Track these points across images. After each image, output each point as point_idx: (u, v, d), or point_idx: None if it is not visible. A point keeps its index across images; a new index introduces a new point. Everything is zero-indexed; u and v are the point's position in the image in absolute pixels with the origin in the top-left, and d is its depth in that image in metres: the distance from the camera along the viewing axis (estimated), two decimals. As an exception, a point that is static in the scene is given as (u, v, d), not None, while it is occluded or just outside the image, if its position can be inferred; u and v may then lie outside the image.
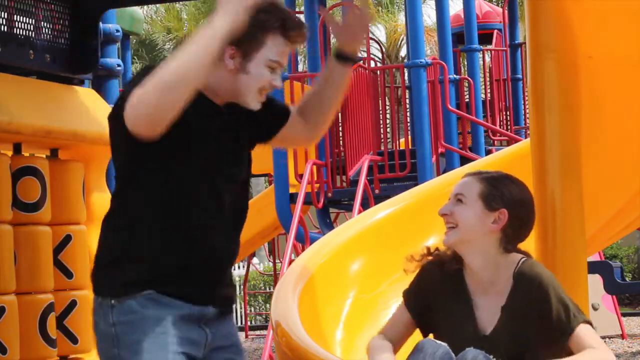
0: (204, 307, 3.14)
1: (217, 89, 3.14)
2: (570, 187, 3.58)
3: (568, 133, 3.63)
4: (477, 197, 3.23)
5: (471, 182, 3.26)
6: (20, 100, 5.15)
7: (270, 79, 3.10)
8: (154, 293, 3.06)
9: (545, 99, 3.63)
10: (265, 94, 3.14)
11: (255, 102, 3.13)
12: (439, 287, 3.28)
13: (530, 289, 3.16)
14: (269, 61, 3.08)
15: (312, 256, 4.30)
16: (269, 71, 3.09)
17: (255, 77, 3.09)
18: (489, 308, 3.22)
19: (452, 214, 3.25)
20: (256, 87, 3.10)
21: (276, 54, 3.09)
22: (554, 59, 3.63)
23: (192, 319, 3.13)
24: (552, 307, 3.13)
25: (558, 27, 3.65)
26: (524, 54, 12.09)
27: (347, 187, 10.08)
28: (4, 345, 4.89)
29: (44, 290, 5.23)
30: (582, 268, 3.58)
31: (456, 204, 3.26)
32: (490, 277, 3.24)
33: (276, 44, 3.09)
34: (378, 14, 25.95)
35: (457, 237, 3.25)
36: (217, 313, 3.19)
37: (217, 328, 3.20)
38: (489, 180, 3.26)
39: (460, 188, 3.27)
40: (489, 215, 3.22)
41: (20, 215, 5.14)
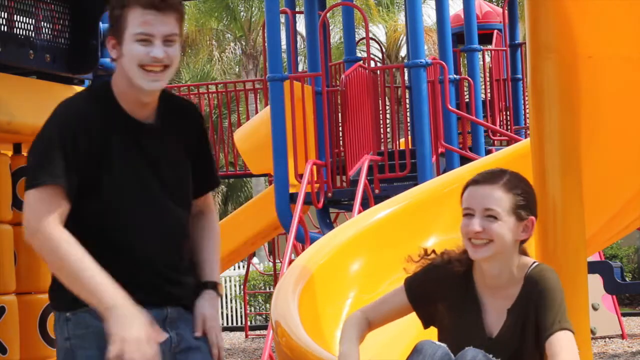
0: (161, 310, 3.13)
1: (123, 92, 3.12)
2: (570, 187, 3.58)
3: (568, 133, 3.63)
4: (510, 211, 3.17)
5: (499, 195, 3.17)
6: (20, 100, 5.15)
7: (145, 51, 3.04)
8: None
9: (545, 99, 3.63)
10: (156, 70, 3.05)
11: (146, 81, 3.05)
12: (446, 284, 3.26)
13: (534, 292, 3.15)
14: (134, 35, 3.04)
15: (312, 256, 4.30)
16: (141, 44, 3.04)
17: (129, 55, 3.05)
18: (496, 310, 3.21)
19: (485, 230, 3.16)
20: (134, 64, 3.05)
21: (138, 25, 3.04)
22: (554, 59, 3.63)
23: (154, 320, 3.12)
24: (546, 309, 3.12)
25: (558, 27, 3.65)
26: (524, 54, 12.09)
27: (347, 187, 10.08)
28: (4, 345, 4.89)
29: (44, 290, 5.23)
30: (582, 268, 3.58)
31: (488, 220, 3.16)
32: (504, 282, 3.22)
33: (136, 17, 3.04)
34: (378, 14, 25.95)
35: (492, 253, 3.18)
36: (181, 312, 3.19)
37: (183, 328, 3.18)
38: (513, 189, 3.19)
39: (490, 202, 3.16)
40: (519, 226, 3.20)
41: (20, 215, 5.13)
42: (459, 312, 3.23)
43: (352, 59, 11.00)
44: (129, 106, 3.12)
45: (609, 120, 4.07)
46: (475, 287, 3.25)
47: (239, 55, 28.04)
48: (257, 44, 26.25)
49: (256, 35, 26.51)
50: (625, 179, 4.36)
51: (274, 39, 9.96)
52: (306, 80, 10.45)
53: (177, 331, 3.16)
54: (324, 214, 10.53)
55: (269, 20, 10.03)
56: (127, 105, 3.12)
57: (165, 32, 3.04)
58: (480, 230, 3.15)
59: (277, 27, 10.02)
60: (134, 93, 3.11)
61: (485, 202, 3.16)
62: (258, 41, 26.01)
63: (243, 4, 27.13)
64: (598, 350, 11.82)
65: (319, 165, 9.97)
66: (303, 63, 17.66)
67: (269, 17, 10.04)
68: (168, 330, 3.13)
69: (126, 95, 3.12)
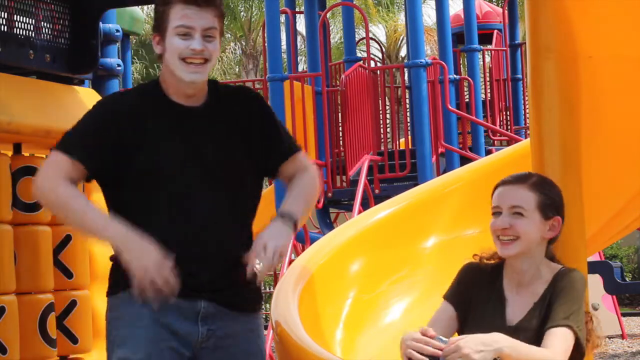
0: (194, 301, 3.15)
1: (169, 85, 3.25)
2: (570, 187, 3.58)
3: (568, 133, 3.63)
4: (536, 208, 3.27)
5: (525, 193, 3.28)
6: (20, 100, 5.15)
7: (185, 44, 3.18)
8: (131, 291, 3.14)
9: (545, 99, 3.63)
10: (195, 62, 3.18)
11: (186, 73, 3.19)
12: (477, 282, 3.34)
13: (558, 287, 3.23)
14: (175, 29, 3.18)
15: (312, 256, 4.30)
16: (181, 38, 3.18)
17: (172, 49, 3.20)
18: (520, 304, 3.27)
19: (512, 227, 3.25)
20: (176, 57, 3.19)
21: (179, 19, 3.18)
22: (554, 59, 3.63)
23: (182, 313, 3.14)
24: (562, 301, 3.18)
25: (558, 27, 3.64)
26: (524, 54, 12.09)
27: (347, 187, 10.09)
28: (4, 345, 4.89)
29: (44, 290, 5.23)
30: (582, 268, 3.58)
31: (515, 216, 3.26)
32: (530, 278, 3.29)
33: (177, 11, 3.18)
34: (378, 14, 25.94)
35: (519, 250, 3.26)
36: (222, 311, 3.19)
37: (218, 325, 3.20)
38: (540, 188, 3.30)
39: (516, 200, 3.27)
40: (545, 224, 3.29)
41: (20, 215, 5.14)
42: (483, 303, 3.30)
43: (352, 59, 11.01)
44: (174, 95, 3.25)
45: (609, 120, 4.07)
46: (502, 283, 3.32)
47: (239, 55, 28.05)
48: (257, 44, 26.25)
49: (256, 35, 26.51)
50: (625, 179, 4.36)
51: (274, 39, 9.96)
52: (306, 80, 10.45)
53: (208, 327, 3.18)
54: (324, 214, 10.53)
55: (269, 20, 10.03)
56: (173, 94, 3.25)
57: (205, 26, 3.18)
58: (507, 227, 3.25)
59: (277, 27, 10.02)
60: (178, 85, 3.23)
61: (512, 200, 3.27)
62: (258, 41, 26.01)
63: (243, 4, 27.13)
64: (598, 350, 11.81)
65: (319, 165, 9.96)
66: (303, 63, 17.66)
67: (269, 17, 10.04)
68: (199, 324, 3.15)
69: (172, 87, 3.25)
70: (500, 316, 3.26)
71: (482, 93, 12.01)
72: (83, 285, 5.44)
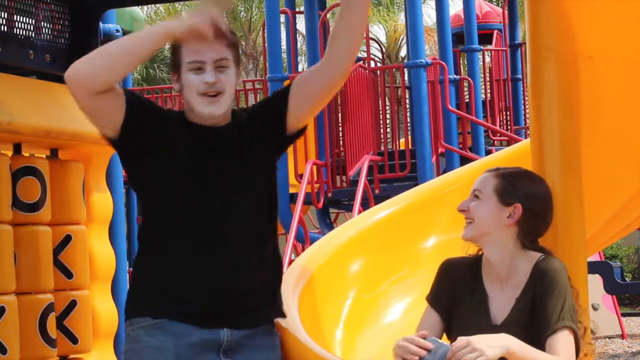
0: (215, 331, 3.13)
1: (191, 116, 3.29)
2: (570, 187, 3.58)
3: (568, 133, 3.63)
4: (492, 192, 3.29)
5: (488, 178, 3.33)
6: (20, 100, 5.14)
7: (199, 79, 3.20)
8: (151, 320, 3.12)
9: (545, 99, 3.63)
10: (211, 94, 3.21)
11: (203, 106, 3.21)
12: (456, 280, 3.33)
13: (542, 282, 3.20)
14: (187, 65, 3.21)
15: (312, 256, 4.30)
16: (195, 73, 3.20)
17: (187, 86, 3.22)
18: (504, 300, 3.25)
19: (469, 209, 3.31)
20: (193, 93, 3.22)
21: (190, 55, 3.20)
22: (554, 59, 3.63)
23: (205, 347, 3.12)
24: (550, 300, 3.16)
25: (558, 27, 3.64)
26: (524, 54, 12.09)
27: (347, 187, 10.09)
28: (4, 345, 4.89)
29: (44, 290, 5.23)
30: (582, 268, 3.58)
31: (473, 199, 3.32)
32: (507, 271, 3.27)
33: (188, 47, 3.21)
34: (378, 13, 25.95)
35: (473, 232, 3.30)
36: (239, 342, 3.16)
37: (241, 359, 3.18)
38: (504, 176, 3.32)
39: (477, 184, 3.34)
40: (504, 210, 3.28)
41: (20, 215, 5.14)
42: (466, 302, 3.29)
43: (352, 59, 10.99)
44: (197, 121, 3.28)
45: (609, 121, 4.06)
46: (482, 279, 3.31)
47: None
48: (257, 44, 26.25)
49: (256, 35, 26.51)
50: (625, 179, 4.36)
51: (274, 39, 9.96)
52: (306, 80, 10.44)
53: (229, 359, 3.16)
54: (324, 214, 10.53)
55: (269, 20, 10.04)
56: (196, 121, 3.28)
57: (215, 58, 3.20)
58: (464, 209, 3.32)
59: (277, 27, 10.03)
60: (199, 118, 3.26)
61: (476, 184, 3.34)
62: (258, 41, 26.01)
63: (243, 4, 27.13)
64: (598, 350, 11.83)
65: (319, 165, 9.97)
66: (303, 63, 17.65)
67: (269, 17, 10.05)
68: (221, 356, 3.14)
69: (194, 118, 3.28)
70: (485, 314, 3.25)
71: (482, 93, 12.00)
72: (83, 285, 5.44)
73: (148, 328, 3.12)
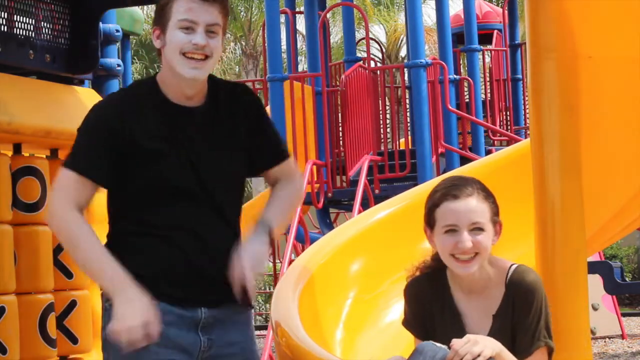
0: (194, 310, 3.15)
1: (168, 83, 3.19)
2: (570, 187, 3.58)
3: (568, 133, 3.63)
4: (489, 220, 3.19)
5: (481, 207, 3.18)
6: (20, 100, 5.14)
7: (187, 39, 3.11)
8: None
9: (545, 99, 3.63)
10: (196, 57, 3.11)
11: (187, 68, 3.12)
12: (423, 299, 3.27)
13: (521, 297, 3.16)
14: (178, 22, 3.12)
15: (312, 256, 4.30)
16: (184, 32, 3.11)
17: (172, 42, 3.13)
18: (479, 315, 3.21)
19: (474, 244, 3.15)
20: (176, 51, 3.12)
21: (182, 13, 3.11)
22: (554, 59, 3.63)
23: (184, 323, 3.13)
24: (527, 319, 3.13)
25: (558, 27, 3.64)
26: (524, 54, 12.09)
27: (347, 187, 10.09)
28: (4, 345, 4.89)
29: (44, 290, 5.23)
30: (582, 268, 3.58)
31: (474, 232, 3.16)
32: (480, 285, 3.22)
33: (181, 5, 3.13)
34: (379, 13, 25.94)
35: (478, 265, 3.18)
36: (217, 318, 3.18)
37: (217, 334, 3.19)
38: (487, 197, 3.21)
39: (476, 215, 3.16)
40: (493, 231, 3.22)
41: (20, 215, 5.14)
42: (438, 320, 3.23)
43: (352, 59, 11.01)
44: (173, 96, 3.18)
45: (609, 121, 4.07)
46: (452, 295, 3.25)
47: (239, 55, 28.05)
48: (257, 44, 26.25)
49: (256, 35, 26.51)
50: (625, 179, 4.36)
51: (274, 39, 9.96)
52: (306, 80, 10.45)
53: (208, 336, 3.16)
54: (324, 214, 10.53)
55: (269, 20, 10.03)
56: (172, 95, 3.18)
57: (208, 21, 3.12)
58: (470, 246, 3.14)
59: (277, 27, 10.02)
60: (177, 83, 3.16)
61: (472, 216, 3.15)
62: (258, 41, 26.01)
63: (243, 4, 27.13)
64: (598, 350, 11.82)
65: (319, 165, 9.97)
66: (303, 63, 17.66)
67: (269, 17, 10.04)
68: (200, 333, 3.15)
69: (171, 86, 3.18)
70: (460, 332, 3.14)
71: (482, 93, 12.01)
72: (83, 285, 5.44)
73: None
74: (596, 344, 12.30)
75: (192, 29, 3.11)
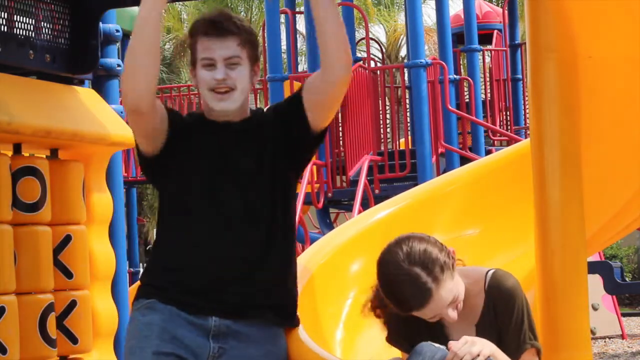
0: (204, 318, 3.16)
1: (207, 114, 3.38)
2: (570, 188, 3.58)
3: (568, 133, 3.63)
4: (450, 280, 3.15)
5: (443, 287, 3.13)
6: (20, 100, 5.14)
7: (210, 76, 3.28)
8: (144, 301, 3.26)
9: (545, 99, 3.63)
10: (221, 91, 3.27)
11: (215, 102, 3.29)
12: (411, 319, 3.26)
13: (502, 303, 3.18)
14: (200, 61, 3.30)
15: (312, 256, 4.30)
16: (207, 69, 3.28)
17: (200, 80, 3.31)
18: (462, 327, 3.22)
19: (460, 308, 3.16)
20: (205, 88, 3.30)
21: (202, 52, 3.29)
22: (554, 59, 3.62)
23: (194, 328, 3.19)
24: (510, 325, 3.15)
25: (558, 27, 3.64)
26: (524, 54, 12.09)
27: (347, 187, 10.09)
28: (4, 345, 4.88)
29: (44, 290, 5.22)
30: (582, 268, 3.58)
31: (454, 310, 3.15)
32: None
33: (201, 44, 3.30)
34: (379, 13, 25.94)
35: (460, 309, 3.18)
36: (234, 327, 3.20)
37: (234, 345, 3.20)
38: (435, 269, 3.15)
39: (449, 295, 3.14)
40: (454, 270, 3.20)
41: (20, 215, 5.13)
42: (424, 334, 3.23)
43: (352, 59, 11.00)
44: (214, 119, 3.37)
45: (609, 121, 4.07)
46: None
47: (239, 55, 28.01)
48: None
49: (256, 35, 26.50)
50: (625, 179, 4.36)
51: (274, 39, 9.96)
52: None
53: (220, 345, 3.19)
54: (324, 214, 10.54)
55: (269, 20, 10.03)
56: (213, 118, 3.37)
57: (225, 55, 3.28)
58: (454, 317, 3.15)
59: (277, 27, 10.03)
60: (214, 114, 3.34)
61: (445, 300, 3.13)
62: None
63: (243, 4, 27.14)
64: (598, 350, 11.83)
65: (319, 165, 9.97)
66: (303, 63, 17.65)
67: (269, 17, 10.05)
68: (210, 340, 3.18)
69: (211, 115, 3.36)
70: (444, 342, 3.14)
71: (482, 93, 12.01)
72: (83, 285, 5.44)
73: (141, 308, 3.26)
74: (596, 344, 12.30)
75: (213, 65, 3.28)
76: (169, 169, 3.28)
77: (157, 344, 3.16)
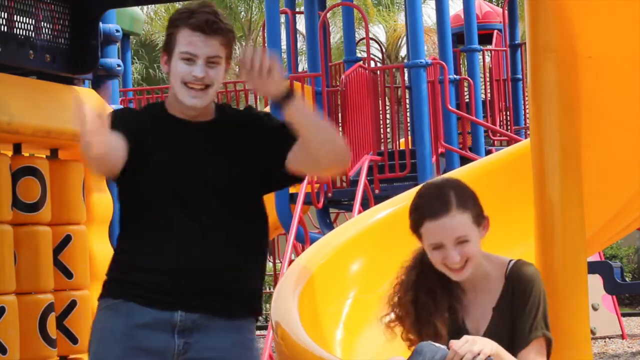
0: (170, 313, 3.16)
1: (172, 104, 3.32)
2: (570, 187, 3.58)
3: (568, 133, 3.63)
4: (473, 227, 3.17)
5: (461, 220, 3.15)
6: (20, 100, 5.14)
7: (188, 70, 3.22)
8: (110, 301, 3.24)
9: (545, 99, 3.63)
10: (196, 88, 3.22)
11: (187, 97, 3.23)
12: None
13: (520, 288, 3.16)
14: (179, 54, 3.23)
15: (312, 256, 4.30)
16: (185, 63, 3.22)
17: (174, 72, 3.25)
18: (479, 309, 3.21)
19: (462, 256, 3.15)
20: (178, 80, 3.24)
21: (185, 45, 3.22)
22: (554, 59, 3.63)
23: (157, 327, 3.17)
24: (524, 311, 3.14)
25: (558, 27, 3.64)
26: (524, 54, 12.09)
27: (347, 187, 10.08)
28: (4, 345, 4.89)
29: (44, 290, 5.23)
30: (582, 268, 3.58)
31: (461, 245, 3.15)
32: (479, 279, 3.21)
33: (184, 37, 3.23)
34: (378, 13, 25.94)
35: (471, 270, 3.17)
36: (199, 322, 3.20)
37: (198, 338, 3.20)
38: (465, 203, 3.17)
39: (458, 230, 3.14)
40: (481, 230, 3.20)
41: (20, 215, 5.14)
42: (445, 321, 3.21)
43: (352, 59, 11.00)
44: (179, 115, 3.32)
45: (609, 120, 4.07)
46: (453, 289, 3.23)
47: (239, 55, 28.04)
48: (257, 44, 26.26)
49: (256, 35, 26.51)
50: (625, 179, 4.36)
51: (274, 39, 9.95)
52: (306, 80, 10.45)
53: (185, 340, 3.18)
54: (324, 214, 10.53)
55: (269, 20, 10.03)
56: (178, 115, 3.32)
57: (208, 54, 3.23)
58: (457, 261, 3.15)
59: (277, 27, 10.02)
60: (180, 107, 3.29)
61: (454, 232, 3.14)
62: (258, 41, 26.01)
63: (243, 4, 27.13)
64: (598, 350, 11.82)
65: (319, 166, 9.95)
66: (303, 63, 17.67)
67: (269, 17, 10.04)
68: (175, 337, 3.16)
69: (176, 109, 3.31)
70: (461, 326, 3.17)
71: (482, 93, 12.01)
72: (83, 285, 5.44)
73: (105, 309, 3.25)
74: (596, 344, 12.30)
75: (193, 61, 3.22)
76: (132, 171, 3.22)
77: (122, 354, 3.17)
